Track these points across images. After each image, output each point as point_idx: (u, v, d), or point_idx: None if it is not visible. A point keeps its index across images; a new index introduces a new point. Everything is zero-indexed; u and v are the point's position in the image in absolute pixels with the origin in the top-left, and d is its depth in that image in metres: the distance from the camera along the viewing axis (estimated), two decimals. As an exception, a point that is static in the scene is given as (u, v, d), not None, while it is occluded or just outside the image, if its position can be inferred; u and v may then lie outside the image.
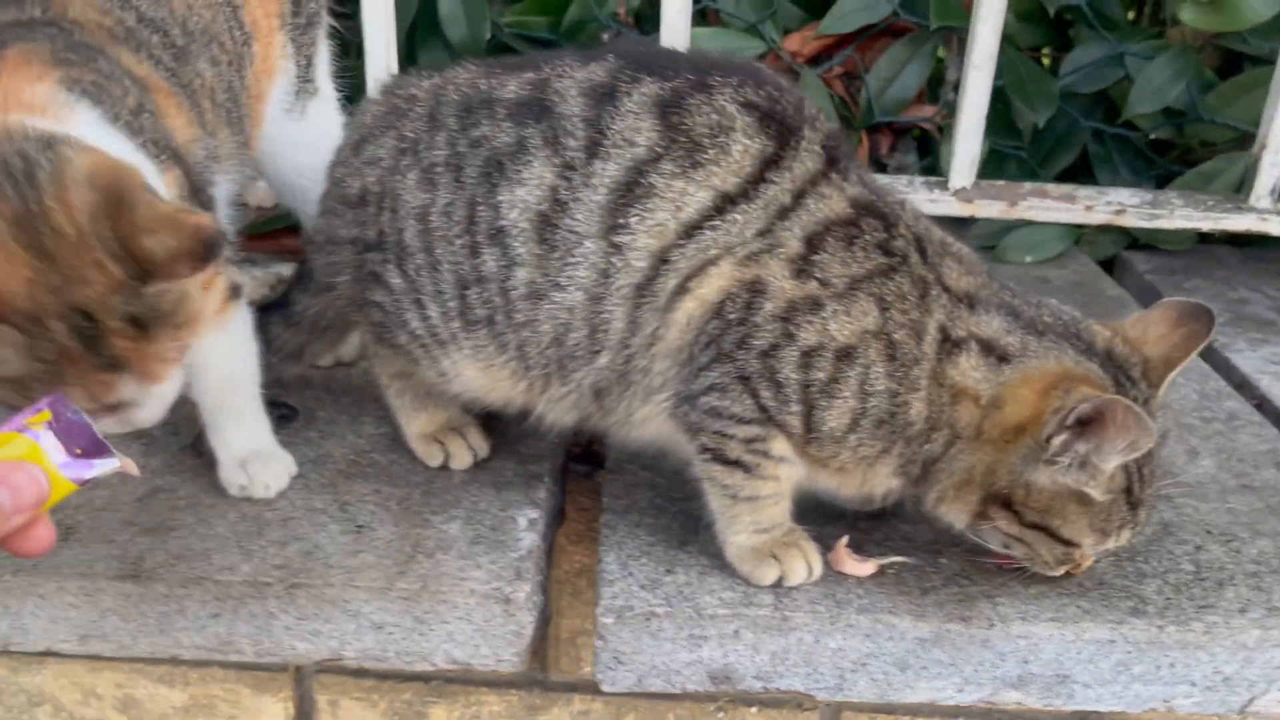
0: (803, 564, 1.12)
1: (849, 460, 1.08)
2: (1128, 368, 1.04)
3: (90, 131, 0.96)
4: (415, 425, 1.32)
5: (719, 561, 1.15)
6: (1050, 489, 1.02)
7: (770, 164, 1.05)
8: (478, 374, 1.19)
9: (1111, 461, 0.99)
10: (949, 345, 1.05)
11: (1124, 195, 1.71)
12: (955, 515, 1.08)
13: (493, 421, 1.37)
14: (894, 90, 1.93)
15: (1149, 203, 1.69)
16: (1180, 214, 1.67)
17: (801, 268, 1.04)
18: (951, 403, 1.05)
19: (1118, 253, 2.09)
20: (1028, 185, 1.73)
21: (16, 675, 1.45)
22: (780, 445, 1.09)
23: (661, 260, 1.06)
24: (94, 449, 0.82)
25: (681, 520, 1.23)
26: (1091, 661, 1.09)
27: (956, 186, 1.69)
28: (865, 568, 1.14)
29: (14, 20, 1.08)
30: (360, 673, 1.46)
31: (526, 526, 1.21)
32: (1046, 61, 2.14)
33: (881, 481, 1.11)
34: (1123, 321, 1.10)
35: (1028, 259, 1.98)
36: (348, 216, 1.22)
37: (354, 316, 1.30)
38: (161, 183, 1.01)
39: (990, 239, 1.98)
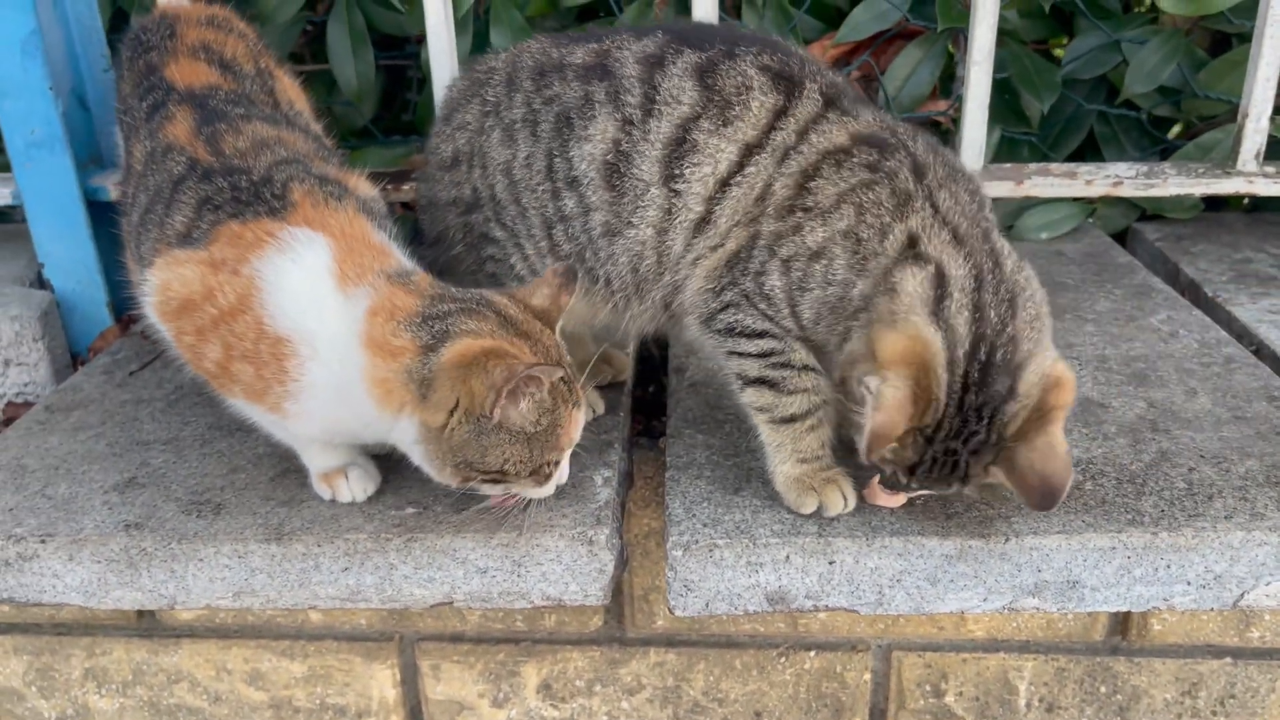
0: (839, 496, 1.30)
1: (831, 351, 1.27)
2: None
3: None
4: None
5: (769, 502, 1.34)
6: None
7: (780, 115, 1.29)
8: (579, 303, 1.41)
9: None
10: (912, 253, 1.20)
11: (1120, 169, 1.87)
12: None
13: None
14: (909, 88, 2.11)
15: (1144, 174, 1.85)
16: (1174, 182, 1.83)
17: (790, 206, 1.26)
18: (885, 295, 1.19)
19: (1129, 225, 2.25)
20: (1033, 165, 1.90)
21: (156, 656, 1.68)
22: (799, 355, 1.29)
23: (710, 201, 1.30)
24: None
25: (735, 473, 1.41)
26: (1097, 567, 1.26)
27: (967, 170, 1.86)
28: (896, 499, 1.32)
29: None
30: (458, 637, 1.66)
31: (602, 484, 1.41)
32: (1059, 52, 2.31)
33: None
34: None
35: (1043, 236, 2.14)
36: (444, 179, 1.47)
37: (469, 269, 1.51)
38: None
39: (1007, 219, 2.15)
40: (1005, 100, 2.10)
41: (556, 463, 1.26)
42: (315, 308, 1.23)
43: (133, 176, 1.43)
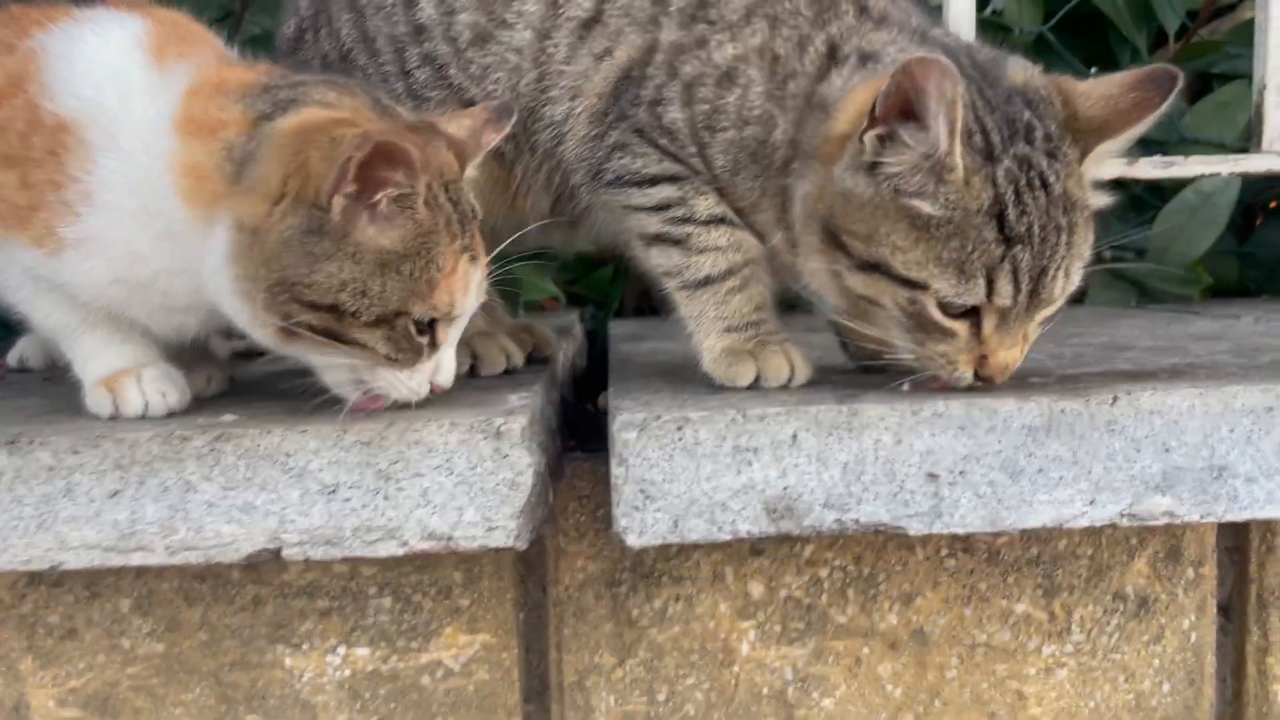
0: (784, 362, 1.01)
1: (763, 214, 1.03)
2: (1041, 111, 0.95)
3: None
4: None
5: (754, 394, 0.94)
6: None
7: None
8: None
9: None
10: (833, 61, 0.99)
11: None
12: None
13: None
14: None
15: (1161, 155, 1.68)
16: (1196, 160, 1.64)
17: (693, 14, 1.03)
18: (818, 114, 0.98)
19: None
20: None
21: None
22: (705, 203, 1.04)
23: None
24: None
25: (705, 385, 1.01)
26: (1251, 442, 0.85)
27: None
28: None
29: None
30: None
31: (516, 399, 0.98)
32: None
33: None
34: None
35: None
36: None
37: None
38: None
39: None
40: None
41: (428, 328, 0.88)
42: (117, 83, 0.91)
43: None
